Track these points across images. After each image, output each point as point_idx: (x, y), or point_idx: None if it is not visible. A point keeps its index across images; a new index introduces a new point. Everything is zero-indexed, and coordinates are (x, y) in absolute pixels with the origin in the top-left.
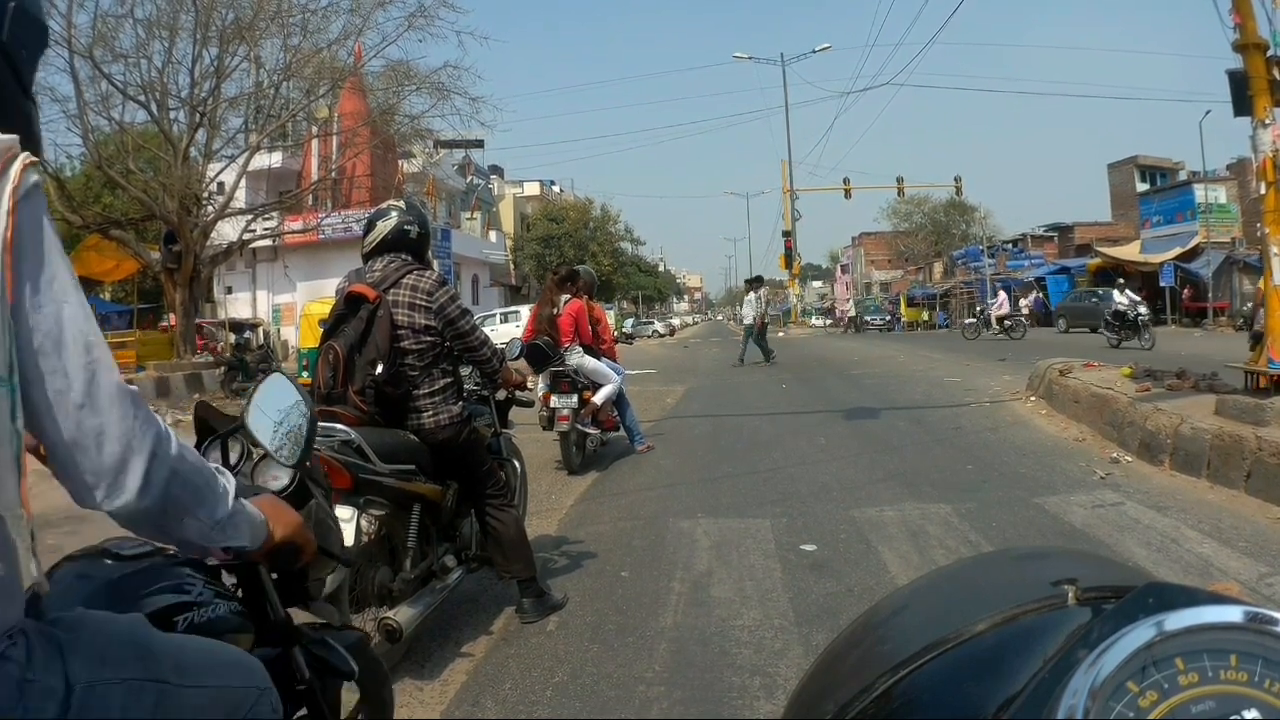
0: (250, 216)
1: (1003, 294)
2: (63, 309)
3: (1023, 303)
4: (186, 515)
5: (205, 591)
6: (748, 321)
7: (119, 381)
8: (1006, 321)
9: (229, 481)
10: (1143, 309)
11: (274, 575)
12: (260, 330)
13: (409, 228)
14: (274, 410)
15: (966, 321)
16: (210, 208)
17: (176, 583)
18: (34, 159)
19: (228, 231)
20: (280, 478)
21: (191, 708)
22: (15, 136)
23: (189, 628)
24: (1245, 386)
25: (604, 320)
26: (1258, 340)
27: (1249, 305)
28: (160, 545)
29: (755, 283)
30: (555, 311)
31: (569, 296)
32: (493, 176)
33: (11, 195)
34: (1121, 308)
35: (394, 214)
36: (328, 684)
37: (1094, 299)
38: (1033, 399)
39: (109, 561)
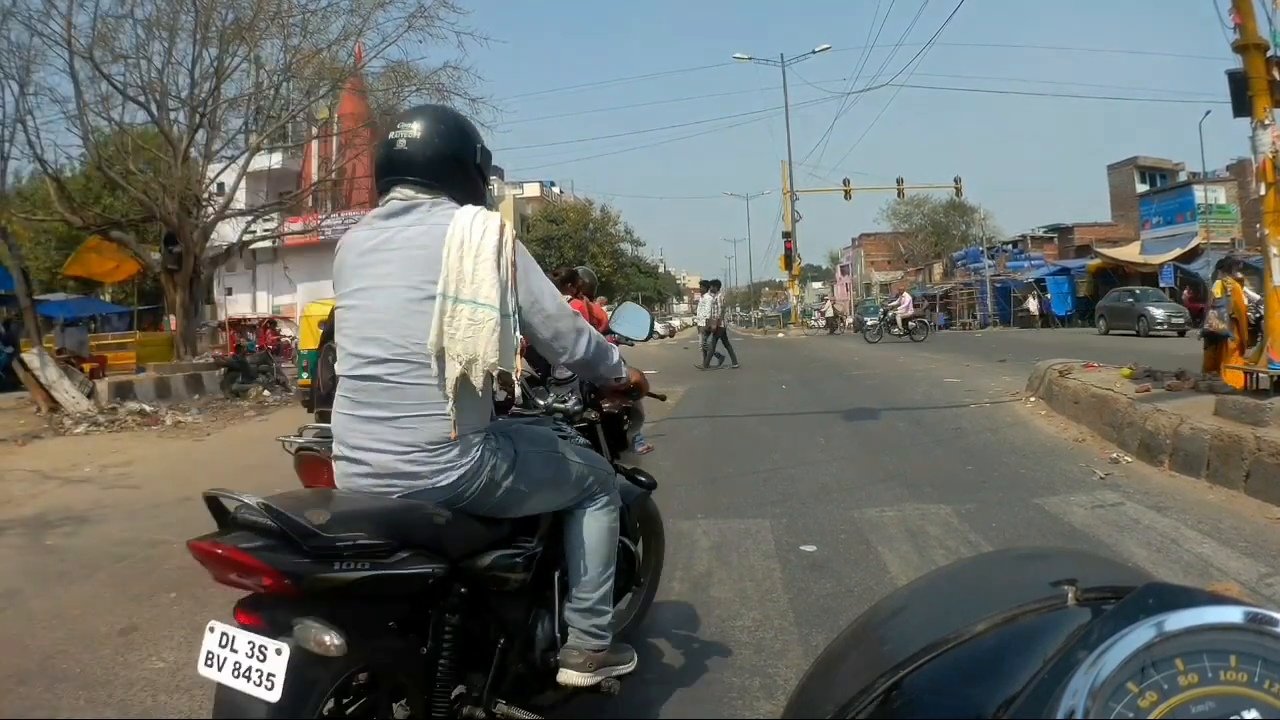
0: (250, 217)
1: (907, 296)
2: (537, 286)
3: (1030, 302)
4: (601, 364)
5: (571, 430)
6: (702, 324)
7: (569, 308)
8: (911, 324)
9: (615, 350)
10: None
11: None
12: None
13: None
14: (627, 316)
15: (869, 323)
16: (210, 209)
17: (557, 426)
18: (511, 227)
19: (228, 232)
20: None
21: (575, 472)
22: (497, 212)
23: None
24: (1244, 387)
25: (604, 321)
26: (1211, 341)
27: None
28: (541, 408)
29: (712, 286)
30: None
31: (570, 297)
32: (492, 177)
33: (512, 241)
34: None
35: None
36: (630, 509)
37: (1131, 299)
38: (1032, 400)
39: (513, 418)
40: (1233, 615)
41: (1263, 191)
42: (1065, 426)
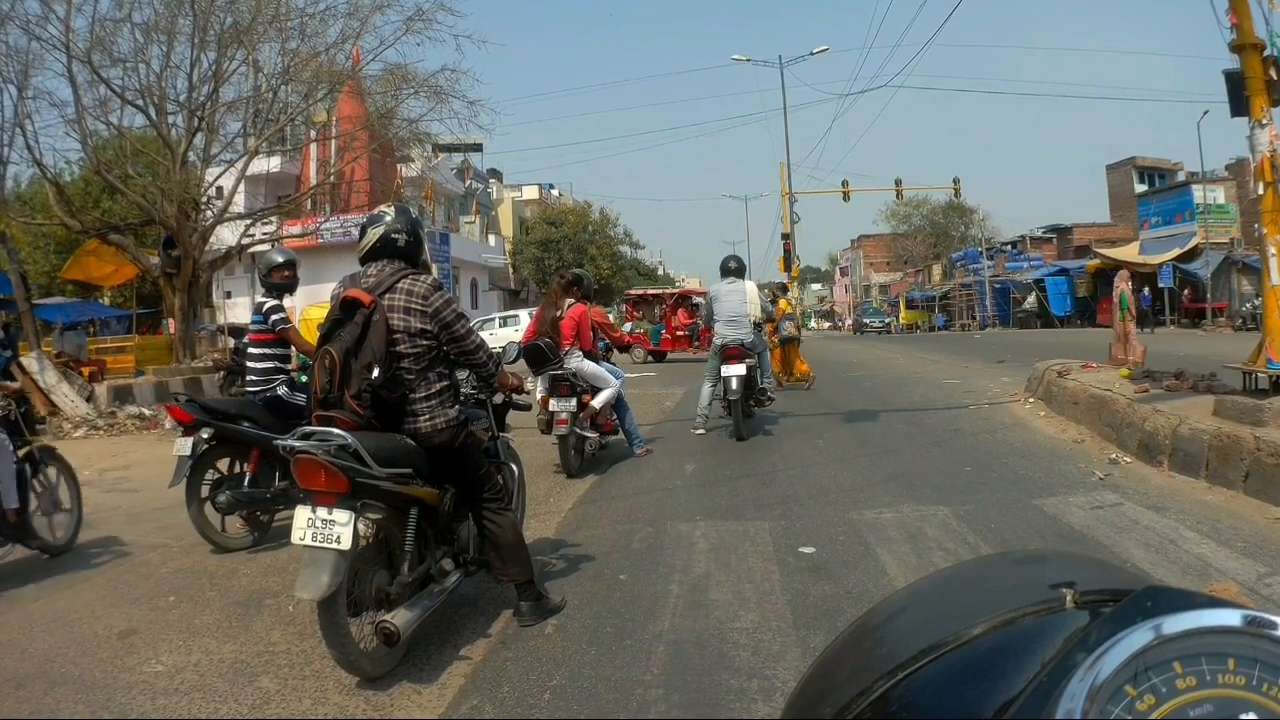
0: (249, 221)
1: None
2: (756, 297)
3: (1027, 303)
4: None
5: (483, 415)
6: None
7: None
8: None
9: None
10: None
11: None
12: None
13: (397, 235)
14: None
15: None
16: (209, 212)
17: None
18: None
19: (226, 236)
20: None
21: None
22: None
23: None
24: (1244, 387)
25: (604, 323)
26: (784, 343)
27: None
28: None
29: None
30: (559, 314)
31: (573, 301)
32: (491, 180)
33: (755, 289)
34: None
35: (384, 221)
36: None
37: None
38: (1031, 400)
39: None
40: (1231, 619)
41: (1261, 191)
42: (1064, 427)
